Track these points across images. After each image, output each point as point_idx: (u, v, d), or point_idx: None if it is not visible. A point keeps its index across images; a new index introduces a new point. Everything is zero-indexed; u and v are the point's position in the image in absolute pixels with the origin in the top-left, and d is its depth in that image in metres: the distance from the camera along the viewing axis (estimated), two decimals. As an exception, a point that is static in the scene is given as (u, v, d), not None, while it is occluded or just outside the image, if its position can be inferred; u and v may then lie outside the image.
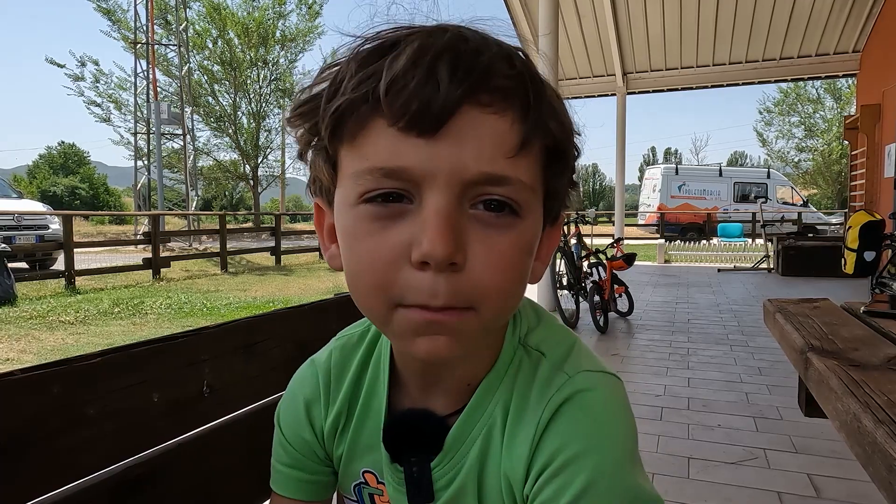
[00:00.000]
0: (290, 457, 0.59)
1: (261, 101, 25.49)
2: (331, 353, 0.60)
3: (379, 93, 0.39)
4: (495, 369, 0.52)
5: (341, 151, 0.44)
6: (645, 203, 21.90)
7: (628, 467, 0.46)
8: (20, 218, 9.67)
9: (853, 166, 9.15)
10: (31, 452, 0.53)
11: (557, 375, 0.50)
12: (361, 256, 0.43)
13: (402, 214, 0.42)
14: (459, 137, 0.40)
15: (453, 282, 0.41)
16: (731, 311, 5.63)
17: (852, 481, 2.02)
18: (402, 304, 0.42)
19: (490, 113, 0.41)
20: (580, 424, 0.47)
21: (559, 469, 0.46)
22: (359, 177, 0.42)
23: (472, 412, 0.52)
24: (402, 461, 0.53)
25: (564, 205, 0.50)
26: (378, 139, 0.41)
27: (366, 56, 0.42)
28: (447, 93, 0.39)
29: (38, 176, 43.02)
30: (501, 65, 0.41)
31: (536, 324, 0.55)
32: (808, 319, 1.24)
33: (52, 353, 4.83)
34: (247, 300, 7.74)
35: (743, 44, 9.54)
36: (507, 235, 0.43)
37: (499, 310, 0.45)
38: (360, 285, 0.44)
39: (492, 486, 0.51)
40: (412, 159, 0.40)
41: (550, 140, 0.44)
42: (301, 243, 16.40)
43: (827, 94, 30.52)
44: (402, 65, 0.39)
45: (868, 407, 0.70)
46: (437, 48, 0.40)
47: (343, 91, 0.41)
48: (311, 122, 0.45)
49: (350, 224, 0.44)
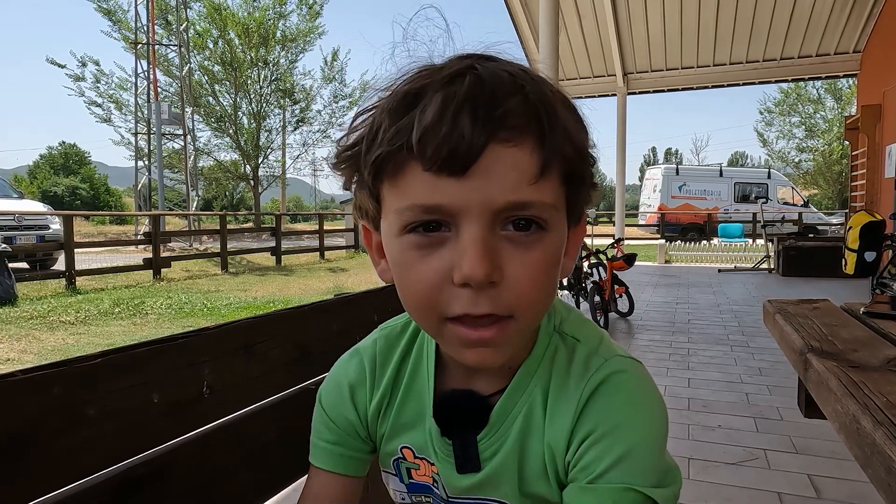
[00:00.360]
0: (334, 434, 0.65)
1: (261, 102, 25.51)
2: (375, 342, 0.66)
3: (412, 143, 0.46)
4: (534, 353, 0.59)
5: (383, 189, 0.50)
6: (645, 203, 21.89)
7: (661, 442, 0.54)
8: (21, 218, 9.67)
9: (854, 166, 9.15)
10: (32, 453, 0.53)
11: (594, 358, 0.57)
12: (411, 281, 0.50)
13: (442, 242, 0.48)
14: (486, 173, 0.46)
15: (493, 296, 0.48)
16: (732, 312, 5.63)
17: (852, 482, 2.02)
18: (448, 316, 0.49)
19: (510, 147, 0.46)
20: (618, 401, 0.54)
21: (599, 438, 0.52)
22: (401, 212, 0.48)
23: (514, 392, 0.58)
24: (451, 435, 0.59)
25: (587, 206, 0.56)
26: (415, 181, 0.47)
27: (396, 108, 0.47)
28: (471, 137, 0.45)
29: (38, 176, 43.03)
30: (516, 102, 0.46)
31: (568, 316, 0.62)
32: (808, 320, 1.24)
33: (53, 353, 4.83)
34: (247, 300, 7.74)
35: (744, 44, 9.53)
36: (536, 250, 0.49)
37: (534, 315, 0.52)
38: (412, 306, 0.52)
39: (533, 456, 0.57)
40: (447, 197, 0.46)
41: (567, 161, 0.49)
42: (301, 243, 16.40)
43: (827, 94, 30.51)
44: (430, 117, 0.45)
45: (867, 408, 0.70)
46: (459, 98, 0.45)
47: (381, 142, 0.47)
48: (354, 167, 0.52)
49: (398, 254, 0.50)
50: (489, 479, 0.58)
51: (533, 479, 0.57)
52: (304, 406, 0.84)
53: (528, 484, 0.58)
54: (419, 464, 0.62)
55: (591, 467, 0.52)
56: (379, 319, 1.13)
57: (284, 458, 0.81)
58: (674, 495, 0.54)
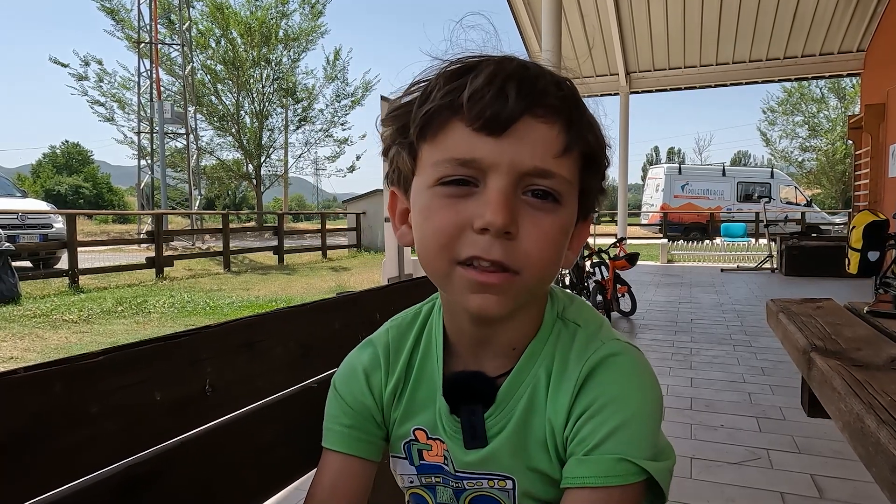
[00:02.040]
0: (350, 418, 0.68)
1: (263, 101, 25.52)
2: (388, 332, 0.71)
3: (462, 101, 0.52)
4: (538, 337, 0.63)
5: (423, 147, 0.56)
6: (648, 203, 21.86)
7: (655, 419, 0.58)
8: (24, 217, 9.69)
9: (857, 166, 9.11)
10: (34, 451, 0.53)
11: (593, 341, 0.61)
12: (434, 223, 0.54)
13: (469, 195, 0.53)
14: (519, 139, 0.52)
15: (506, 247, 0.52)
16: (735, 311, 5.62)
17: (855, 482, 2.01)
18: (460, 260, 0.54)
19: (542, 122, 0.53)
20: (614, 380, 0.58)
21: (595, 412, 0.57)
22: (438, 165, 0.54)
23: (519, 373, 0.62)
24: (459, 413, 0.63)
25: (594, 205, 0.61)
26: (457, 136, 0.53)
27: (451, 74, 0.54)
28: (513, 106, 0.51)
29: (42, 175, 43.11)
30: (553, 89, 0.54)
31: (570, 303, 0.67)
32: (812, 319, 1.23)
33: (56, 351, 4.85)
34: (249, 299, 7.75)
35: (746, 43, 9.50)
36: (550, 217, 0.54)
37: (539, 275, 0.56)
38: (429, 248, 0.56)
39: (537, 432, 0.61)
40: (483, 152, 0.52)
41: (587, 148, 0.56)
42: (304, 242, 16.42)
43: (831, 93, 30.42)
44: (480, 82, 0.52)
45: (871, 407, 0.70)
46: (507, 72, 0.53)
47: (433, 99, 0.54)
48: (402, 122, 0.57)
49: (427, 201, 0.55)
50: (495, 455, 0.62)
51: (536, 454, 0.61)
52: (306, 404, 0.84)
53: (531, 459, 0.61)
54: (432, 444, 0.66)
55: (588, 440, 0.56)
56: (381, 318, 1.13)
57: (287, 455, 0.80)
58: (667, 470, 0.57)
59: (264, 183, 27.28)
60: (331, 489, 0.66)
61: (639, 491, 0.56)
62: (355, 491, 0.67)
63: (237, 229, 16.64)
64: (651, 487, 0.57)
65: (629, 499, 0.55)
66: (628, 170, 10.88)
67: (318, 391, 0.86)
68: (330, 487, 0.66)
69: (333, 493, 0.66)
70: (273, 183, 29.06)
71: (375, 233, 16.29)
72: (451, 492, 0.66)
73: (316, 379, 0.90)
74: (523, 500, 0.63)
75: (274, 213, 18.54)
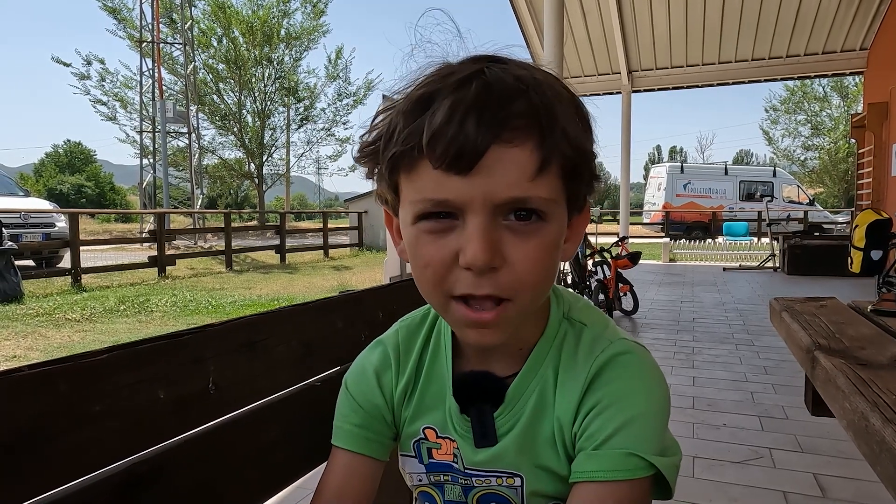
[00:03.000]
0: (360, 417, 0.69)
1: (265, 100, 25.53)
2: (398, 332, 0.72)
3: (423, 144, 0.50)
4: (545, 337, 0.64)
5: (401, 181, 0.55)
6: (650, 202, 21.83)
7: (662, 416, 0.59)
8: (27, 216, 9.69)
9: (860, 164, 9.09)
10: (38, 449, 0.53)
11: (600, 341, 0.62)
12: (423, 260, 0.55)
13: (451, 229, 0.53)
14: (489, 171, 0.50)
15: (494, 279, 0.52)
16: (737, 311, 5.61)
17: (859, 481, 2.01)
18: (453, 295, 0.54)
19: (511, 147, 0.50)
20: (622, 377, 0.59)
21: (604, 408, 0.58)
22: (415, 203, 0.54)
23: (527, 373, 0.63)
24: (469, 412, 0.64)
25: (588, 196, 0.60)
26: (426, 177, 0.52)
27: (410, 111, 0.52)
28: (476, 139, 0.49)
29: (44, 174, 43.21)
30: (519, 105, 0.50)
31: (576, 303, 0.67)
32: (815, 318, 1.23)
33: (59, 350, 4.86)
34: (252, 298, 7.76)
35: (749, 41, 9.48)
36: (535, 239, 0.53)
37: (532, 298, 0.56)
38: (423, 283, 0.56)
39: (545, 430, 0.62)
40: (453, 193, 0.51)
41: (566, 159, 0.53)
42: (305, 241, 16.44)
43: (834, 92, 30.34)
44: (438, 120, 0.49)
45: (876, 406, 0.70)
46: (466, 104, 0.49)
47: (396, 142, 0.53)
48: (373, 161, 0.58)
49: (412, 238, 0.55)
50: (504, 452, 0.63)
51: (544, 451, 0.62)
52: (309, 403, 0.84)
53: (540, 456, 0.62)
54: (441, 443, 0.67)
55: (596, 435, 0.57)
56: (384, 317, 1.13)
57: (289, 454, 0.81)
58: (674, 466, 0.58)
59: (266, 182, 27.29)
60: (339, 487, 0.67)
61: (646, 486, 0.56)
62: (363, 489, 0.67)
63: (239, 228, 16.67)
64: (657, 483, 0.57)
65: (636, 493, 0.55)
66: (630, 169, 10.87)
67: (321, 390, 0.86)
68: (338, 485, 0.67)
69: (341, 492, 0.66)
70: (275, 182, 29.07)
71: (377, 232, 16.30)
72: (460, 489, 0.67)
73: (318, 378, 0.90)
74: (531, 498, 0.64)
75: (276, 212, 18.57)
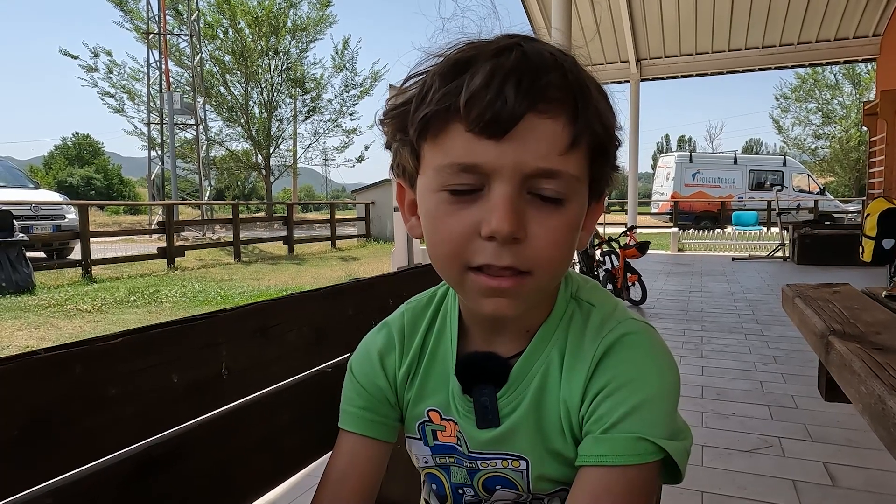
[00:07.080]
0: (365, 400, 0.69)
1: (272, 91, 25.48)
2: (403, 314, 0.71)
3: (459, 105, 0.50)
4: (551, 318, 0.63)
5: (425, 147, 0.54)
6: (658, 191, 21.70)
7: (673, 399, 0.57)
8: (37, 208, 9.77)
9: (872, 153, 8.98)
10: (54, 432, 0.54)
11: (609, 321, 0.61)
12: (441, 232, 0.54)
13: (474, 200, 0.52)
14: (522, 140, 0.50)
15: (515, 251, 0.52)
16: (746, 300, 5.58)
17: (869, 470, 2.00)
18: (471, 266, 0.53)
19: (546, 118, 0.50)
20: (631, 359, 0.58)
21: (613, 391, 0.56)
22: (440, 170, 0.53)
23: (532, 353, 0.62)
24: (472, 393, 0.63)
25: (607, 186, 0.60)
26: (457, 140, 0.51)
27: (447, 72, 0.52)
28: (513, 106, 0.49)
29: (54, 167, 43.41)
30: (556, 78, 0.50)
31: (585, 284, 0.67)
32: (829, 304, 1.22)
33: (71, 340, 4.90)
34: (260, 289, 7.80)
35: (759, 28, 9.36)
36: (557, 216, 0.53)
37: (551, 274, 0.56)
38: (439, 254, 0.55)
39: (550, 413, 0.61)
40: (484, 157, 0.50)
41: (596, 138, 0.53)
42: (313, 233, 16.47)
43: (845, 79, 29.93)
44: (477, 83, 0.49)
45: (894, 389, 0.69)
46: (506, 69, 0.49)
47: (430, 102, 0.52)
48: (401, 123, 0.56)
49: (432, 207, 0.54)
50: (508, 434, 0.62)
51: (550, 434, 0.62)
52: (320, 389, 0.85)
53: (545, 439, 0.62)
54: (445, 425, 0.67)
55: (605, 418, 0.56)
56: (394, 303, 1.13)
57: (301, 440, 0.81)
58: (685, 450, 0.57)
59: (273, 173, 27.31)
60: (345, 469, 0.67)
61: (654, 470, 0.55)
62: (370, 471, 0.67)
63: (247, 219, 16.71)
64: (666, 467, 0.57)
65: (645, 478, 0.55)
66: (639, 158, 10.80)
67: (332, 376, 0.87)
68: (344, 467, 0.67)
69: (348, 473, 0.67)
70: (282, 173, 29.09)
71: (384, 223, 16.31)
72: (465, 472, 0.67)
73: (330, 364, 0.91)
74: (537, 481, 0.63)
75: (283, 203, 18.60)
